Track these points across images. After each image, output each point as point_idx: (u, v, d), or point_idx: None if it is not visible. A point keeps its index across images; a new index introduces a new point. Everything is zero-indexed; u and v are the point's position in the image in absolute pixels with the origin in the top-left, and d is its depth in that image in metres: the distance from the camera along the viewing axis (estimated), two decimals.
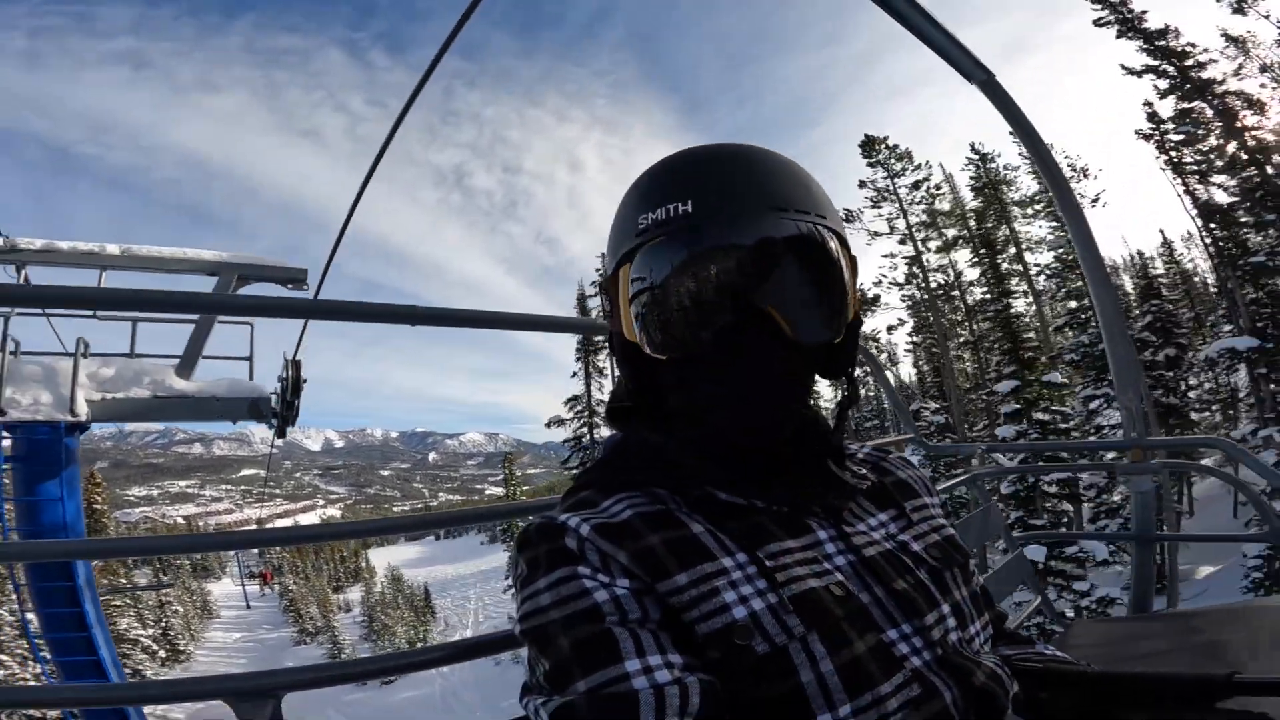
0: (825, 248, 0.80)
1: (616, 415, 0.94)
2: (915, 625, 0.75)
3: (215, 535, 1.32)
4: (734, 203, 0.78)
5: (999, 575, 2.70)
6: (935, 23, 2.27)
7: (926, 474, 1.06)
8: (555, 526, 0.76)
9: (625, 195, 0.88)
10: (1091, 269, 2.97)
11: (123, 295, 2.31)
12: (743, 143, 0.85)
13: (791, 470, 0.85)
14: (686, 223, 0.78)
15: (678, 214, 0.78)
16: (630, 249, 0.82)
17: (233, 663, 46.26)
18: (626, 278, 0.82)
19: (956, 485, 2.89)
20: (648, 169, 0.87)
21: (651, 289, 0.80)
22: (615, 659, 0.66)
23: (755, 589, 0.72)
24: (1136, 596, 2.75)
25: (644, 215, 0.81)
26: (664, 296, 0.79)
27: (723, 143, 0.85)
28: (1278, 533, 2.50)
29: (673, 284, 0.78)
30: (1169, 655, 1.96)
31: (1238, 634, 1.97)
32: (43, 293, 2.02)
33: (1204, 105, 24.31)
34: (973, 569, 0.95)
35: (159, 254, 7.53)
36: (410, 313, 1.48)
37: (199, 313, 7.73)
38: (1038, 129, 2.83)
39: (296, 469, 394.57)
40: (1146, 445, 2.85)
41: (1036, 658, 0.97)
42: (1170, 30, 25.55)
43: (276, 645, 52.02)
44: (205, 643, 52.26)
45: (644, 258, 0.80)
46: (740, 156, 0.81)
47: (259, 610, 61.35)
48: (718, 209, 0.77)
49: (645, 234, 0.80)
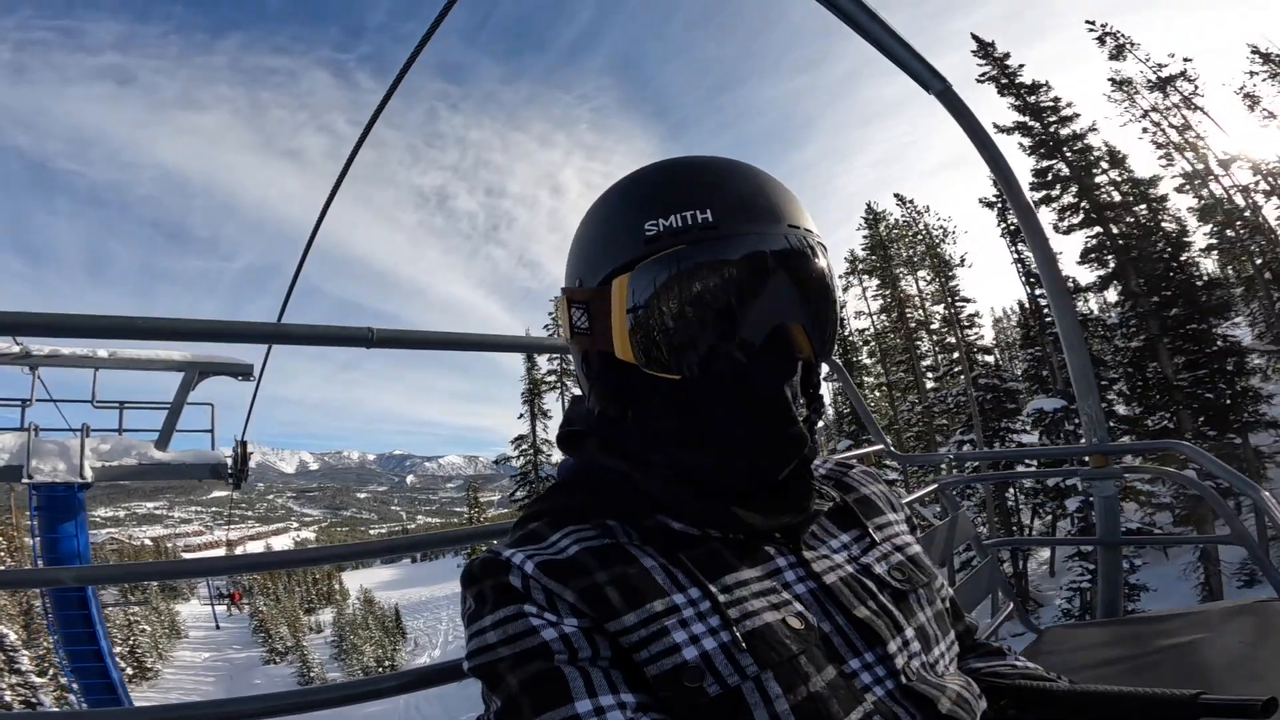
0: (828, 264, 0.78)
1: (569, 440, 0.89)
2: (878, 654, 0.73)
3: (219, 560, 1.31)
4: (755, 215, 0.74)
5: (970, 584, 2.67)
6: (896, 36, 2.31)
7: (888, 488, 1.02)
8: (500, 562, 0.73)
9: (608, 203, 0.82)
10: (1049, 279, 3.01)
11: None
12: (726, 157, 0.81)
13: (770, 492, 0.80)
14: (709, 232, 0.72)
15: (696, 222, 0.72)
16: (634, 258, 0.75)
17: (201, 680, 45.62)
18: (623, 289, 0.75)
19: (924, 495, 2.88)
20: (635, 176, 0.82)
21: (666, 301, 0.73)
22: (565, 699, 0.64)
23: (708, 627, 0.69)
24: (1106, 601, 2.78)
25: (651, 222, 0.74)
26: (680, 311, 0.73)
27: (711, 155, 0.82)
28: (1241, 534, 2.50)
29: (695, 296, 0.72)
30: (1141, 660, 1.94)
31: (1209, 638, 1.96)
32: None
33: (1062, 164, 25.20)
34: (939, 585, 0.92)
35: (139, 356, 10.11)
36: (366, 335, 1.45)
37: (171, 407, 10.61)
38: (994, 139, 2.86)
39: (269, 491, 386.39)
40: (1107, 451, 2.88)
41: (1007, 670, 0.94)
42: (1041, 85, 26.49)
43: (245, 665, 51.33)
44: (173, 661, 51.41)
45: (656, 267, 0.73)
46: (745, 168, 0.78)
47: (228, 631, 60.38)
48: (741, 219, 0.73)
49: (656, 242, 0.73)
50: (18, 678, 24.40)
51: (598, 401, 0.84)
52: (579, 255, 0.84)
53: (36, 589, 11.61)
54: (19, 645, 25.05)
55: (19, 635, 25.77)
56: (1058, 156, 25.22)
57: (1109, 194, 24.43)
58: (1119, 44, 27.87)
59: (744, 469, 0.77)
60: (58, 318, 1.12)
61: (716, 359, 0.74)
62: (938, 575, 0.92)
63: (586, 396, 0.88)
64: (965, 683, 0.79)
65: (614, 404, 0.82)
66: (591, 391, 0.85)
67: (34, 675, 24.75)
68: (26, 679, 24.58)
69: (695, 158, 0.81)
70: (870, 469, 1.04)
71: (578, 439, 0.88)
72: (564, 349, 2.08)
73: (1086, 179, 24.71)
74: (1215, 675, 1.78)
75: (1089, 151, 25.27)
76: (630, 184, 0.82)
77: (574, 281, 0.83)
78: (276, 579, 68.88)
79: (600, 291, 0.78)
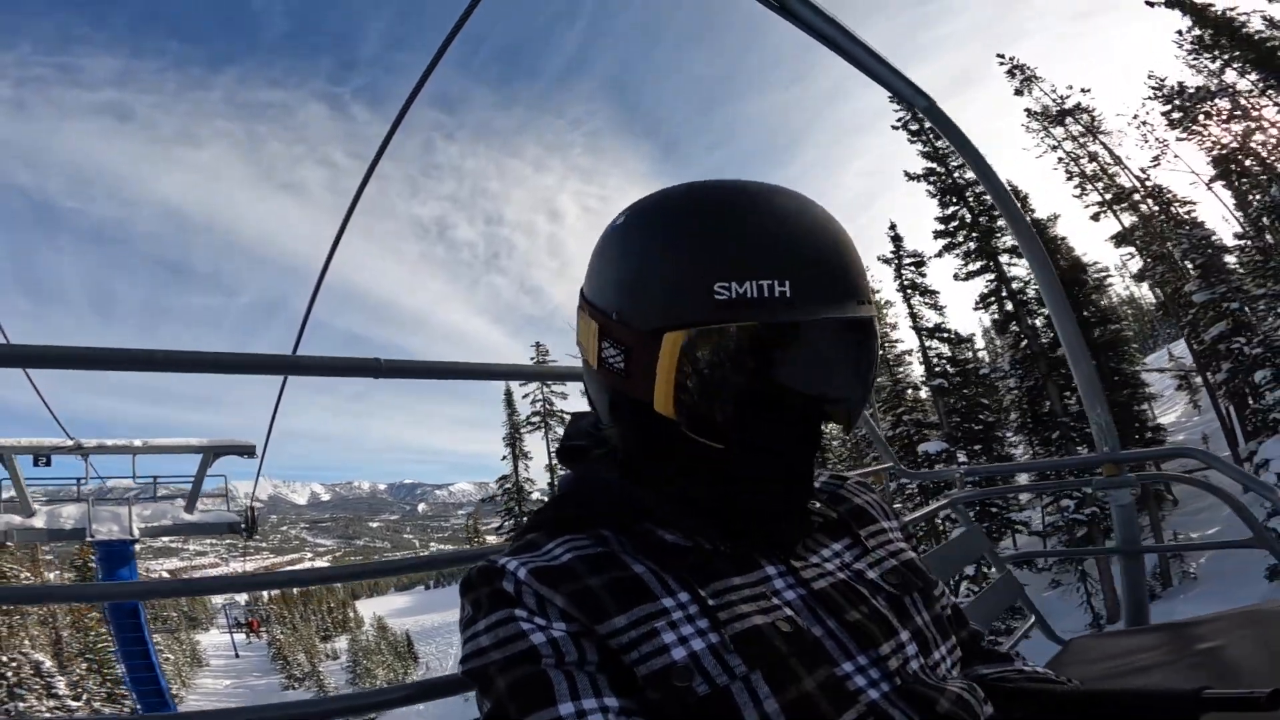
0: (877, 346, 0.78)
1: (569, 454, 0.90)
2: (872, 656, 0.71)
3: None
4: (832, 296, 0.71)
5: (988, 597, 2.60)
6: (877, 56, 2.29)
7: (881, 498, 1.01)
8: (494, 570, 0.74)
9: (666, 235, 0.75)
10: (1047, 288, 2.93)
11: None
12: (811, 200, 0.76)
13: (767, 518, 0.79)
14: (788, 309, 0.69)
15: (774, 295, 0.68)
16: (698, 320, 0.70)
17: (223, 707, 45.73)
18: (675, 348, 0.70)
19: (938, 510, 2.81)
20: (700, 208, 0.75)
21: (729, 374, 0.71)
22: (549, 701, 0.64)
23: (696, 629, 0.69)
24: (1132, 609, 2.68)
25: (723, 285, 0.69)
26: (739, 384, 0.72)
27: (800, 195, 0.77)
28: (1261, 538, 2.43)
29: (758, 375, 0.71)
30: (1170, 667, 1.82)
31: (1245, 641, 1.83)
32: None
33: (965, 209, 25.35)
34: (940, 592, 0.91)
35: (166, 443, 13.02)
36: (375, 366, 1.45)
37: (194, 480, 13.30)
38: (981, 151, 2.81)
39: (283, 523, 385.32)
40: (1119, 459, 2.79)
41: (1014, 675, 0.92)
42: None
43: (265, 691, 51.10)
44: (196, 689, 51.62)
45: (722, 336, 0.70)
46: (828, 230, 0.74)
47: (247, 659, 60.41)
48: (818, 299, 0.70)
49: (727, 308, 0.69)
50: (54, 701, 26.21)
51: (620, 439, 0.82)
52: (619, 279, 0.78)
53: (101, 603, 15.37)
54: (54, 671, 26.96)
55: (52, 663, 27.56)
56: (960, 202, 25.40)
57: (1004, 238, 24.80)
58: (1026, 77, 28.33)
59: (755, 528, 0.78)
60: (80, 350, 1.15)
61: (762, 435, 0.74)
62: (938, 582, 0.92)
63: (602, 425, 0.87)
64: (967, 686, 0.77)
65: (641, 453, 0.81)
66: (615, 427, 0.83)
67: (70, 700, 26.55)
68: (63, 703, 26.34)
69: (766, 199, 0.74)
70: (865, 481, 1.03)
71: (578, 453, 0.89)
72: (571, 376, 2.03)
73: (990, 223, 25.05)
74: (1247, 679, 1.66)
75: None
76: (695, 223, 0.74)
77: (607, 307, 0.78)
78: (293, 608, 69.12)
79: (648, 341, 0.73)
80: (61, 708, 26.16)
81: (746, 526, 0.77)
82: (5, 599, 1.11)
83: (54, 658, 28.78)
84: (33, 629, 29.04)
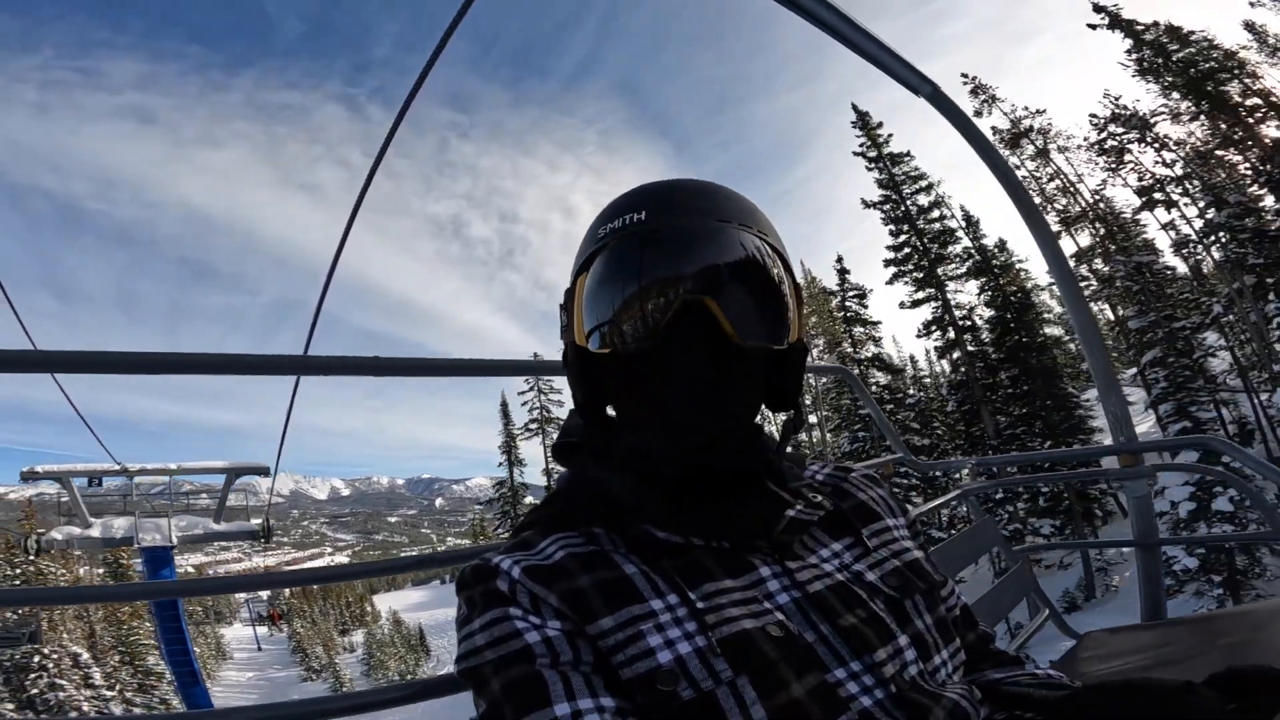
0: (763, 256, 0.80)
1: (563, 451, 0.90)
2: (866, 662, 0.69)
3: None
4: (682, 211, 0.79)
5: (1000, 591, 2.54)
6: (881, 44, 2.28)
7: (889, 493, 0.99)
8: (489, 569, 0.74)
9: (591, 222, 0.88)
10: (1061, 277, 2.84)
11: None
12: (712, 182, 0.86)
13: (735, 498, 0.80)
14: (640, 227, 0.79)
15: (632, 221, 0.79)
16: (588, 256, 0.82)
17: (246, 697, 45.93)
18: (583, 285, 0.82)
19: (948, 502, 2.75)
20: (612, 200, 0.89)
21: (602, 288, 0.79)
22: (544, 702, 0.63)
23: (683, 632, 0.68)
24: (1148, 603, 2.57)
25: (603, 227, 0.82)
26: (613, 293, 0.78)
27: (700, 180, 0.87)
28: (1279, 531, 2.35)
29: (622, 280, 0.78)
30: (1185, 664, 1.75)
31: (1259, 637, 1.75)
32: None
33: (916, 237, 25.44)
34: (949, 591, 0.90)
35: (196, 466, 15.50)
36: (374, 365, 1.46)
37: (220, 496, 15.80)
38: (988, 137, 2.73)
39: (304, 518, 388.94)
40: (1136, 449, 2.69)
41: (1024, 680, 0.88)
42: (905, 155, 26.67)
43: (285, 682, 52.11)
44: (220, 681, 52.30)
45: (599, 261, 0.80)
46: (691, 181, 0.84)
47: (269, 652, 61.65)
48: (668, 214, 0.79)
49: (602, 240, 0.81)
50: (91, 691, 27.68)
51: (573, 392, 0.87)
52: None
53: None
54: (91, 662, 28.68)
55: (88, 655, 29.02)
56: (911, 230, 25.48)
57: (954, 265, 25.20)
58: (986, 97, 28.33)
59: (686, 446, 0.76)
60: (93, 355, 1.17)
61: (637, 332, 0.77)
62: (947, 582, 0.91)
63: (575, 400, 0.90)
64: (965, 691, 0.75)
65: (582, 390, 0.86)
66: (569, 384, 0.88)
67: (105, 690, 28.35)
68: (99, 693, 27.93)
69: (664, 180, 0.86)
70: (872, 473, 1.01)
71: (571, 450, 0.89)
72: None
73: (941, 249, 25.32)
74: None
75: (942, 219, 25.91)
76: (609, 203, 0.86)
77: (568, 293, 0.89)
78: (313, 603, 69.88)
79: (571, 289, 0.85)
80: (98, 698, 27.48)
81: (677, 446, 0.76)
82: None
83: (89, 650, 29.85)
84: (70, 622, 30.02)
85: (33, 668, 26.16)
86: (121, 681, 30.67)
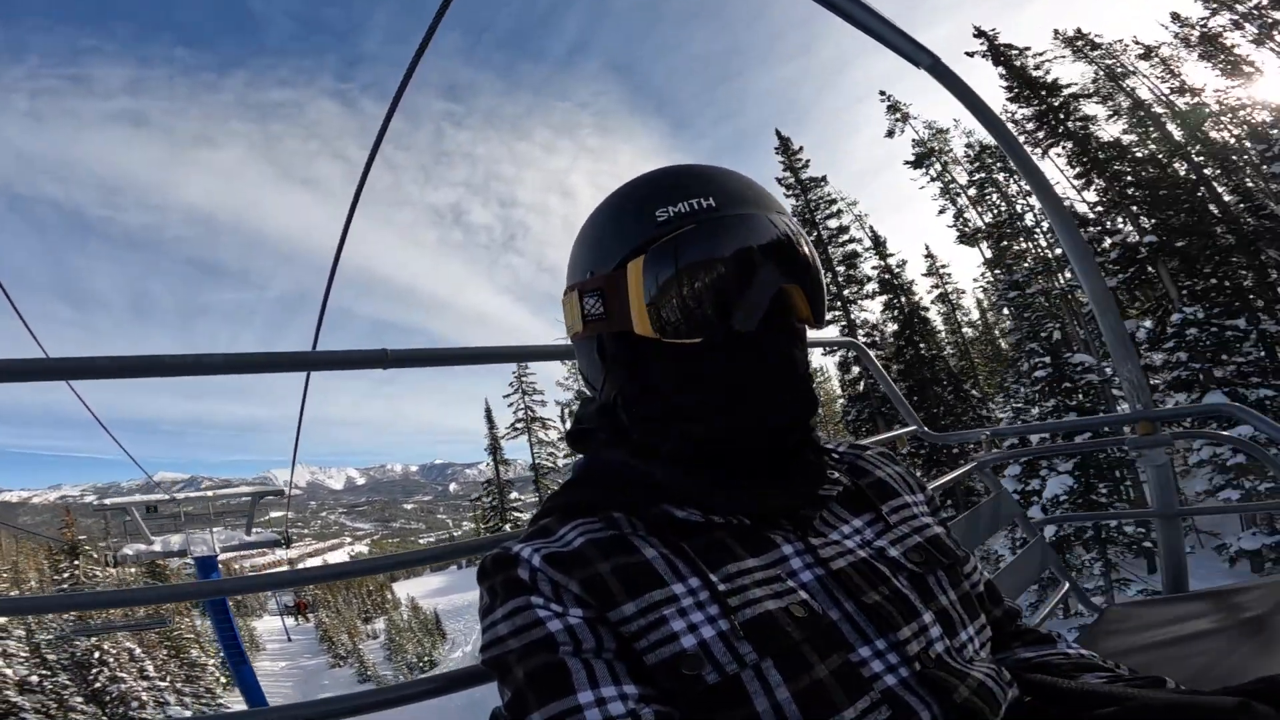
0: (812, 248, 0.79)
1: (578, 437, 0.89)
2: (890, 640, 0.68)
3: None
4: (750, 201, 0.78)
5: (1019, 565, 2.46)
6: (878, 16, 2.20)
7: (906, 469, 0.97)
8: (509, 557, 0.73)
9: (614, 202, 0.83)
10: (1068, 239, 2.72)
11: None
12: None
13: (775, 473, 0.79)
14: (715, 214, 0.75)
15: (703, 207, 0.76)
16: (647, 240, 0.76)
17: (280, 685, 47.46)
18: (639, 269, 0.76)
19: (963, 475, 2.61)
20: (636, 180, 0.84)
21: (682, 274, 0.74)
22: (568, 690, 0.63)
23: (706, 616, 0.67)
24: (1170, 575, 2.45)
25: (662, 209, 0.76)
26: (696, 280, 0.74)
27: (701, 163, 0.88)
28: None
29: (707, 267, 0.74)
30: (1208, 638, 1.68)
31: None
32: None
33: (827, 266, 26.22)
34: (971, 568, 0.89)
35: (228, 492, 19.06)
36: (381, 357, 1.41)
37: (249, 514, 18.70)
38: (992, 107, 2.59)
39: (322, 509, 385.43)
40: (1154, 417, 2.52)
41: (1058, 659, 0.86)
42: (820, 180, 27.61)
43: (314, 670, 53.56)
44: (256, 671, 52.43)
45: (671, 245, 0.75)
46: (728, 170, 0.82)
47: (298, 642, 62.32)
48: (738, 203, 0.76)
49: (668, 225, 0.75)
50: (147, 682, 31.40)
51: (613, 384, 0.82)
52: (587, 249, 0.84)
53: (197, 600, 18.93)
54: (144, 657, 32.45)
55: (141, 650, 32.58)
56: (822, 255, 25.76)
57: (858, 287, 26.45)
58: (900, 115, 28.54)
59: (755, 428, 0.75)
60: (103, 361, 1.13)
61: (728, 321, 0.74)
62: (970, 558, 0.89)
63: (597, 387, 0.86)
64: (993, 669, 0.73)
65: (630, 382, 0.80)
66: (606, 375, 0.83)
67: (158, 681, 31.97)
68: (154, 683, 31.69)
69: (687, 164, 0.84)
70: (887, 450, 0.99)
71: (587, 436, 0.87)
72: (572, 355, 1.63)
73: (850, 270, 26.47)
74: None
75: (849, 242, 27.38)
76: (634, 185, 0.83)
77: (583, 275, 0.83)
78: (337, 593, 70.61)
79: (615, 276, 0.78)
80: (153, 687, 31.25)
81: (745, 428, 0.75)
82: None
83: (140, 645, 32.90)
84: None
85: (93, 662, 29.44)
86: (171, 673, 34.32)
